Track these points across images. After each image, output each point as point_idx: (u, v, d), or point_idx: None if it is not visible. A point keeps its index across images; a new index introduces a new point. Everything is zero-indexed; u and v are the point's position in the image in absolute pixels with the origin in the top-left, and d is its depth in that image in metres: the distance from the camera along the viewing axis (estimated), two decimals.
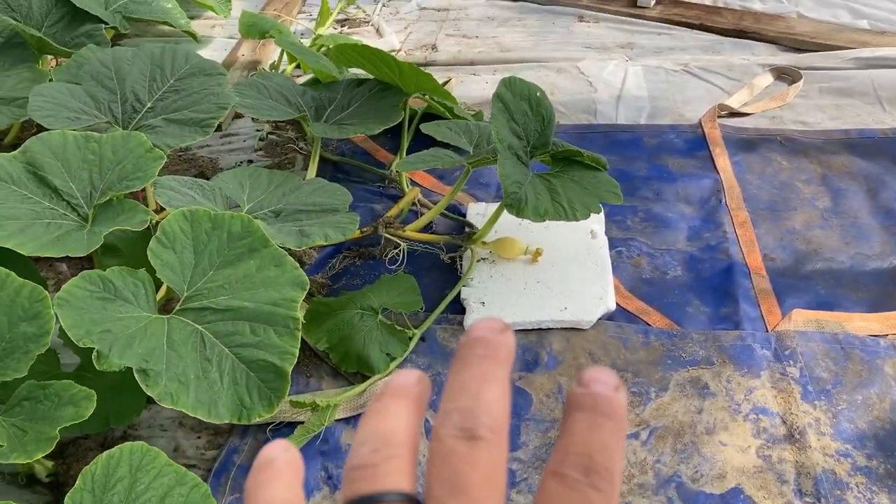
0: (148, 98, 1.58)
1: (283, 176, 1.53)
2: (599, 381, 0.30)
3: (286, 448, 0.32)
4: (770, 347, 1.41)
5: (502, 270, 1.53)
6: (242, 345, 1.13)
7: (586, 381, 0.30)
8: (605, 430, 0.29)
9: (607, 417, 0.29)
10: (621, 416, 0.30)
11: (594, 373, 0.31)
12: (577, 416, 0.30)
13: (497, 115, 1.26)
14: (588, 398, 0.30)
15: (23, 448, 0.96)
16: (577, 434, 0.29)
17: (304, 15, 2.57)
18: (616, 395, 0.30)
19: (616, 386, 0.30)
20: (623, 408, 0.30)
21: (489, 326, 0.31)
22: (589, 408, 0.30)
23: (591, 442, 0.29)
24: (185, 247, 1.19)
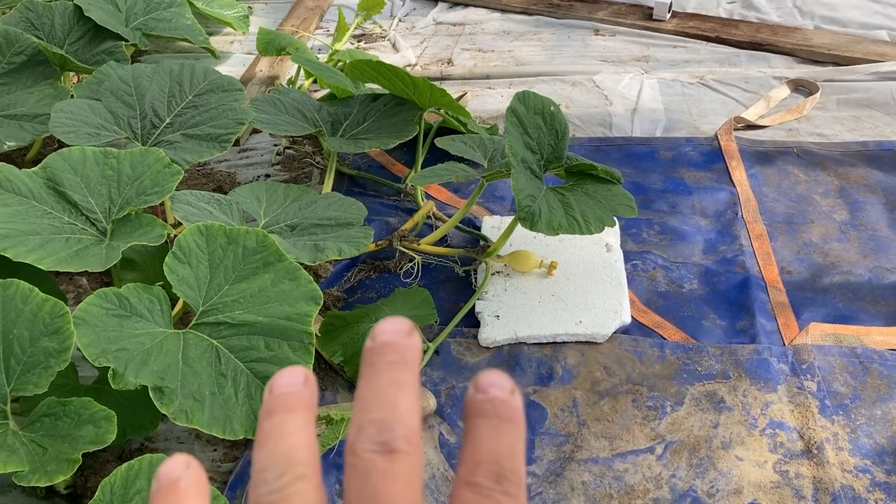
0: (167, 114, 1.60)
1: (299, 190, 1.55)
2: (495, 386, 0.31)
3: (188, 464, 0.31)
4: (787, 361, 1.40)
5: (517, 284, 1.53)
6: (257, 359, 1.14)
7: (483, 386, 0.31)
8: (508, 435, 0.30)
9: (508, 421, 0.30)
10: (520, 420, 0.31)
11: (489, 377, 0.31)
12: (480, 423, 0.30)
13: (510, 129, 1.27)
14: (487, 404, 0.30)
15: (43, 469, 0.97)
16: (482, 442, 0.30)
17: (322, 30, 2.59)
18: (513, 398, 0.31)
19: (512, 389, 0.31)
20: (521, 411, 0.31)
21: (396, 329, 0.31)
22: (490, 414, 0.30)
23: (498, 449, 0.30)
24: (200, 261, 1.21)
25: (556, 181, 1.49)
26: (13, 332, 1.04)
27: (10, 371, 1.03)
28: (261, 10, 2.73)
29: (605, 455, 1.26)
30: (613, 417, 1.32)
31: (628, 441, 1.29)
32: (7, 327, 1.04)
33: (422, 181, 1.36)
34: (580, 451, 1.27)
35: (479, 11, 2.67)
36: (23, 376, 1.04)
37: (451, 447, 1.28)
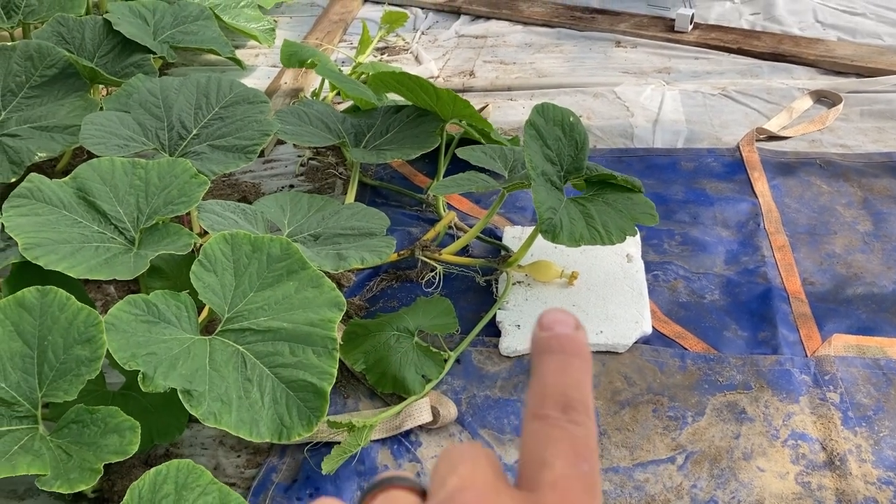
0: (194, 125, 1.63)
1: (322, 200, 1.57)
2: (560, 322, 0.32)
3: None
4: (809, 372, 1.40)
5: (538, 293, 1.54)
6: (282, 365, 1.16)
7: (548, 323, 0.32)
8: (575, 368, 0.31)
9: (575, 356, 0.31)
10: (586, 354, 0.32)
11: (554, 314, 0.32)
12: (547, 359, 0.31)
13: (529, 142, 1.28)
14: (553, 340, 0.31)
15: (66, 476, 0.99)
16: (549, 375, 0.31)
17: (345, 43, 2.63)
18: (578, 333, 0.32)
19: (576, 325, 0.32)
20: (586, 345, 0.32)
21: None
22: (556, 349, 0.31)
23: (565, 381, 0.30)
24: (226, 269, 1.23)
25: (575, 192, 1.50)
26: (48, 339, 1.06)
27: (42, 377, 1.06)
28: (286, 23, 2.76)
29: (625, 465, 1.27)
30: (634, 427, 1.33)
31: (649, 451, 1.29)
32: (43, 333, 1.06)
33: (443, 191, 1.38)
34: (601, 461, 1.27)
35: (501, 24, 2.69)
36: (54, 383, 1.06)
37: None
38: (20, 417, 1.04)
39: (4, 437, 1.00)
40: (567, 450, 0.29)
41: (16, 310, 1.11)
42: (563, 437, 0.29)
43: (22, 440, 1.00)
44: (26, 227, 1.21)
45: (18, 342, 1.09)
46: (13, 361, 1.08)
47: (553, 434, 0.29)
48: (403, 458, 1.29)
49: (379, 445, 1.31)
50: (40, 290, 1.12)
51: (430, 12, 2.79)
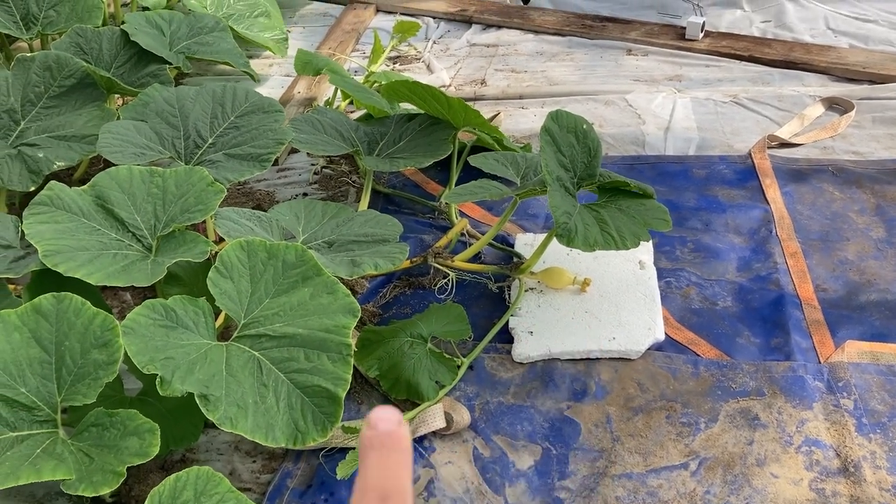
0: (209, 134, 1.65)
1: (336, 208, 1.58)
2: (383, 420, 0.36)
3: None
4: (822, 379, 1.40)
5: (550, 300, 1.55)
6: (297, 370, 1.17)
7: (373, 422, 0.36)
8: (392, 462, 0.35)
9: (393, 451, 0.35)
10: (406, 449, 0.36)
11: (379, 413, 0.37)
12: (369, 455, 0.36)
13: (545, 147, 1.29)
14: (375, 438, 0.36)
15: (89, 479, 1.01)
16: (370, 470, 0.35)
17: (358, 53, 2.65)
18: (399, 429, 0.36)
19: (398, 421, 0.36)
20: (407, 440, 0.36)
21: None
22: (377, 446, 0.36)
23: (384, 475, 0.35)
24: (242, 276, 1.24)
25: (588, 199, 1.51)
26: (65, 344, 1.08)
27: (61, 381, 1.08)
28: (299, 33, 2.79)
29: (638, 471, 1.27)
30: (647, 433, 1.33)
31: (662, 457, 1.29)
32: (60, 339, 1.08)
33: (456, 199, 1.39)
34: (614, 467, 1.28)
35: (512, 33, 2.70)
36: (73, 387, 1.08)
37: (485, 461, 1.30)
38: (40, 422, 1.05)
39: (26, 441, 1.02)
40: None
41: (33, 316, 1.13)
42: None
43: (43, 444, 1.02)
44: (46, 234, 1.23)
45: (36, 348, 1.11)
46: (32, 367, 1.10)
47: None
48: (417, 463, 1.30)
49: None
50: (56, 296, 1.14)
51: (441, 22, 2.81)
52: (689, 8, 2.71)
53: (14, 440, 1.03)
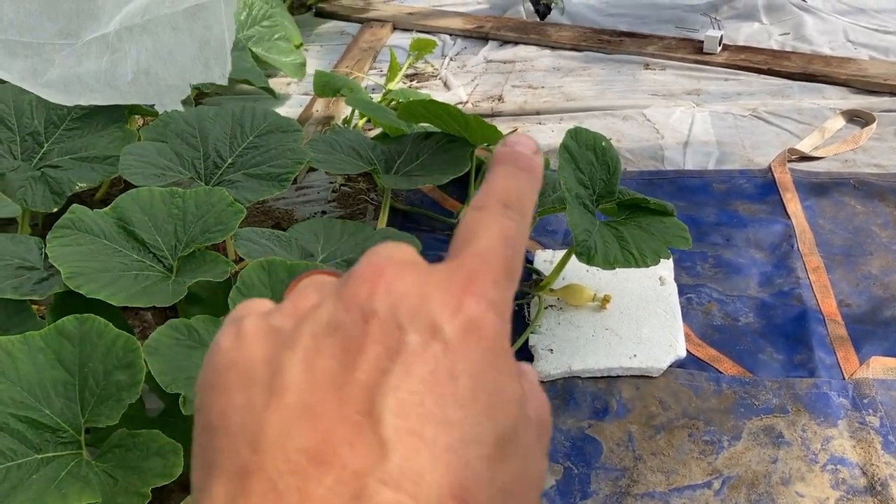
0: (229, 154, 1.66)
1: (354, 226, 1.59)
2: (520, 144, 0.34)
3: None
4: (847, 396, 1.38)
5: (570, 318, 1.54)
6: None
7: (511, 142, 0.34)
8: (523, 180, 0.33)
9: (526, 171, 0.33)
10: (538, 173, 0.34)
11: (517, 137, 0.34)
12: (500, 168, 0.33)
13: (563, 165, 1.29)
14: (510, 154, 0.33)
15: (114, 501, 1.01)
16: (498, 180, 0.33)
17: (375, 70, 2.66)
18: (536, 156, 0.34)
19: (536, 150, 0.34)
20: (540, 167, 0.34)
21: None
22: (510, 161, 0.33)
23: (510, 186, 0.32)
24: (262, 295, 1.24)
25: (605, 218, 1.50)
26: (88, 366, 1.09)
27: (84, 403, 1.08)
28: (316, 52, 2.81)
29: (661, 490, 1.26)
30: (669, 452, 1.32)
31: (685, 475, 1.28)
32: (83, 361, 1.09)
33: None
34: (636, 486, 1.27)
35: (529, 49, 2.71)
36: (96, 408, 1.08)
37: None
38: (65, 443, 1.06)
39: (51, 463, 1.03)
40: (497, 232, 0.31)
41: (56, 338, 1.13)
42: (495, 223, 0.31)
43: (68, 466, 1.02)
44: (69, 256, 1.25)
45: (60, 370, 1.12)
46: (56, 389, 1.11)
47: (487, 219, 0.31)
48: None
49: None
50: (79, 318, 1.15)
51: (458, 38, 2.82)
52: (706, 22, 2.71)
53: (39, 462, 1.03)
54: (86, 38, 1.63)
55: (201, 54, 1.62)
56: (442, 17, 2.92)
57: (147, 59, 1.58)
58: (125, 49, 1.61)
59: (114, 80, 1.61)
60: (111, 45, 1.62)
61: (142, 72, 1.57)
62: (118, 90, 1.65)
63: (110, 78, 1.62)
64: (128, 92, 1.67)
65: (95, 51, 1.63)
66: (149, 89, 1.62)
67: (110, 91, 1.65)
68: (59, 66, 1.60)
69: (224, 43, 1.59)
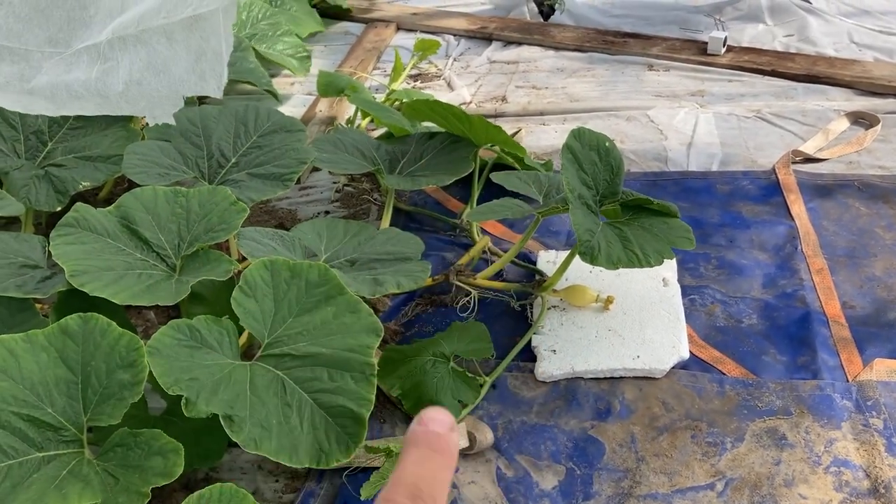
0: (232, 154, 1.66)
1: (358, 226, 1.59)
2: (435, 421, 0.34)
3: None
4: (851, 398, 1.38)
5: (573, 318, 1.54)
6: (321, 390, 1.17)
7: (425, 420, 0.34)
8: (435, 464, 0.32)
9: (439, 452, 0.33)
10: (451, 454, 0.33)
11: (432, 413, 0.34)
12: (411, 450, 0.33)
13: (567, 165, 1.29)
14: (424, 435, 0.33)
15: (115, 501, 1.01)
16: (408, 466, 0.32)
17: (379, 71, 2.66)
18: (450, 434, 0.34)
19: (450, 426, 0.34)
20: (454, 446, 0.33)
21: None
22: (424, 444, 0.33)
23: (420, 474, 0.32)
24: (265, 295, 1.25)
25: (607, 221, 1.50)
26: (91, 364, 1.09)
27: (87, 402, 1.08)
28: (320, 52, 2.81)
29: (664, 491, 1.25)
30: (672, 453, 1.31)
31: (688, 477, 1.27)
32: (86, 359, 1.09)
33: (478, 217, 1.39)
34: (639, 487, 1.26)
35: (532, 49, 2.71)
36: (98, 407, 1.08)
37: (509, 481, 1.29)
38: (67, 442, 1.06)
39: (53, 461, 1.03)
40: None
41: (60, 337, 1.14)
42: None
43: (70, 464, 1.02)
44: (73, 254, 1.25)
45: (63, 368, 1.12)
46: (59, 387, 1.11)
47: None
48: None
49: None
50: (82, 317, 1.15)
51: (462, 39, 2.82)
52: (711, 23, 2.71)
53: (41, 461, 1.03)
54: (76, 46, 1.62)
55: (197, 66, 1.61)
56: (446, 18, 2.92)
57: (140, 69, 1.57)
58: (117, 59, 1.60)
59: (104, 89, 1.61)
60: (103, 54, 1.61)
61: (133, 82, 1.57)
62: (108, 100, 1.65)
63: (101, 87, 1.61)
64: (118, 102, 1.66)
65: (86, 60, 1.62)
66: (140, 100, 1.62)
67: (99, 100, 1.64)
68: (46, 73, 1.60)
69: (221, 55, 1.58)
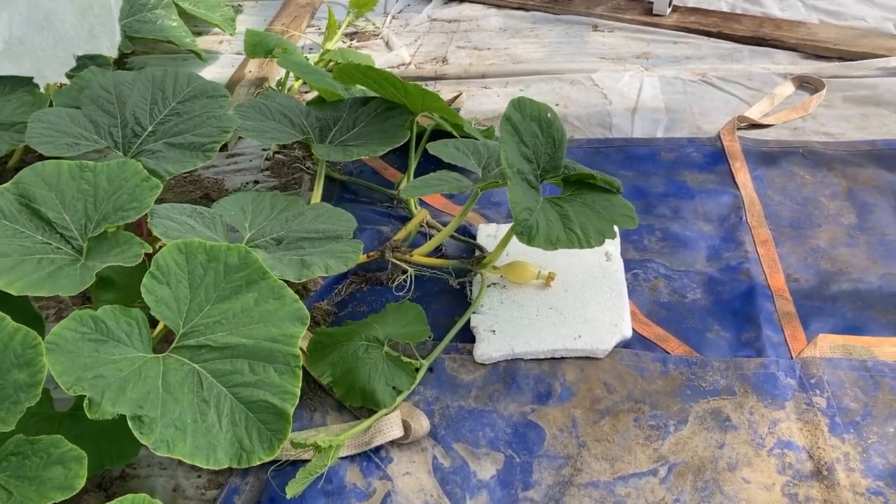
0: (149, 122, 1.54)
1: (286, 200, 1.49)
2: None
3: None
4: (795, 376, 1.35)
5: (514, 296, 1.48)
6: (242, 384, 1.09)
7: None
8: None
9: None
10: None
11: None
12: None
13: (506, 138, 1.21)
14: None
15: None
16: None
17: (313, 28, 2.53)
18: None
19: None
20: None
21: None
22: None
23: None
24: (180, 281, 1.15)
25: (552, 190, 1.43)
26: None
27: None
28: (251, 7, 2.66)
29: (606, 478, 1.21)
30: (614, 437, 1.27)
31: (630, 463, 1.23)
32: None
33: (413, 193, 1.30)
34: (580, 475, 1.22)
35: (475, 7, 2.60)
36: None
37: (445, 471, 1.23)
38: None
39: None
40: None
41: None
42: None
43: None
44: None
45: None
46: None
47: None
48: (373, 475, 1.23)
49: (347, 462, 1.24)
50: None
51: None
52: None
53: None
54: None
55: (84, 21, 1.47)
56: None
57: (20, 25, 1.42)
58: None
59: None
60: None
61: (15, 40, 1.42)
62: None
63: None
64: None
65: None
66: (24, 60, 1.47)
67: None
68: None
69: (110, 9, 1.44)
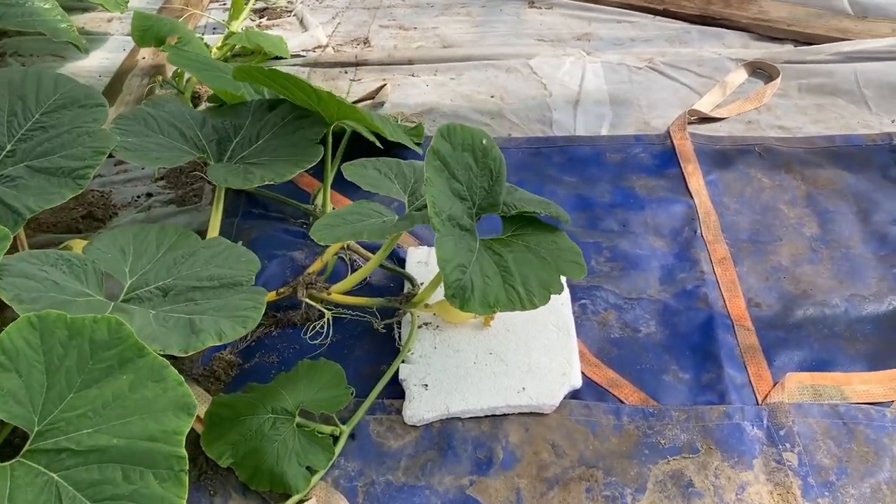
0: (7, 139, 1.28)
1: (175, 233, 1.26)
2: None
3: None
4: (762, 426, 1.20)
5: (448, 339, 1.29)
6: (113, 497, 0.88)
7: None
8: None
9: None
10: None
11: None
12: None
13: (433, 177, 1.00)
14: None
15: None
16: None
17: (218, 4, 2.25)
18: None
19: None
20: None
21: None
22: None
23: None
24: (33, 365, 0.93)
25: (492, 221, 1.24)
26: None
27: None
28: None
29: None
30: None
31: None
32: None
33: (326, 235, 1.09)
34: None
35: None
36: None
37: None
38: None
39: None
40: None
41: None
42: None
43: None
44: None
45: None
46: None
47: None
48: None
49: None
50: None
51: None
52: None
53: None
54: None
55: None
56: None
57: None
58: None
59: None
60: None
61: None
62: None
63: None
64: None
65: None
66: None
67: None
68: None
69: None
